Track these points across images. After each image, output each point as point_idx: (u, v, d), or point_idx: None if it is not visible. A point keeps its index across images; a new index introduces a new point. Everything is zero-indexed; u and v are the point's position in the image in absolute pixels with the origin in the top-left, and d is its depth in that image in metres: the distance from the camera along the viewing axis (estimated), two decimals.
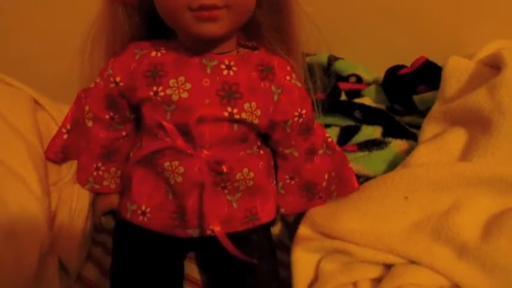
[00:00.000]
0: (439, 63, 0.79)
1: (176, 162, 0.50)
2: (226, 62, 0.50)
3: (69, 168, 0.58)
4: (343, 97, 0.78)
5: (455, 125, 0.58)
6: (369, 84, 0.85)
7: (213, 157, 0.50)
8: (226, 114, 0.49)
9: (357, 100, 0.75)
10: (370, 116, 0.70)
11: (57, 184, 0.56)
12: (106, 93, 0.53)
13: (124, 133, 0.56)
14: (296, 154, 0.55)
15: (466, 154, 0.55)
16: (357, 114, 0.70)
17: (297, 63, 0.56)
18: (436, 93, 0.71)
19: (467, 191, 0.52)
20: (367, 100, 0.77)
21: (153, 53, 0.51)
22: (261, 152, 0.55)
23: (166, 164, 0.50)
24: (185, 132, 0.49)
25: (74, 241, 0.53)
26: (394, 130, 0.68)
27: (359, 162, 0.61)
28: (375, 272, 0.51)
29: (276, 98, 0.51)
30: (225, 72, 0.50)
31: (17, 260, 0.44)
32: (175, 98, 0.49)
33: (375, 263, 0.51)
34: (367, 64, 0.87)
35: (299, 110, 0.53)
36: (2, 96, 0.57)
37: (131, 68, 0.51)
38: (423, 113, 0.75)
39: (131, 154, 0.55)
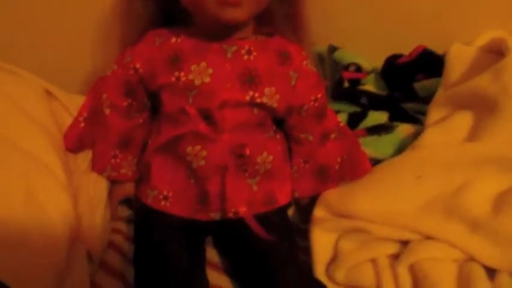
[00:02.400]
0: (437, 52, 0.81)
1: (198, 147, 0.51)
2: (246, 47, 0.51)
3: (85, 157, 0.58)
4: (346, 85, 0.80)
5: (461, 109, 0.61)
6: (368, 73, 0.87)
7: (235, 141, 0.51)
8: (247, 98, 0.50)
9: (361, 87, 0.76)
10: (376, 102, 0.71)
11: (75, 173, 0.56)
12: (125, 80, 0.53)
13: (141, 120, 0.56)
14: (310, 138, 0.57)
15: (473, 136, 0.57)
16: (363, 100, 0.72)
17: (307, 49, 0.57)
18: (436, 81, 0.73)
19: (477, 169, 0.54)
20: (369, 87, 0.79)
21: (173, 39, 0.52)
22: (277, 136, 0.56)
23: (189, 148, 0.51)
24: (207, 116, 0.50)
25: (95, 229, 0.53)
26: (399, 116, 0.70)
27: (369, 146, 0.63)
28: (392, 248, 0.53)
29: (293, 82, 0.53)
30: (245, 57, 0.51)
31: (50, 246, 0.44)
32: (197, 82, 0.49)
33: (392, 240, 0.53)
34: (365, 54, 0.88)
35: (315, 94, 0.54)
36: (15, 87, 0.57)
37: (151, 54, 0.52)
38: (424, 100, 0.77)
39: (150, 141, 0.56)
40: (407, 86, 0.79)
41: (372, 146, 0.64)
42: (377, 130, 0.66)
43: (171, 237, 0.52)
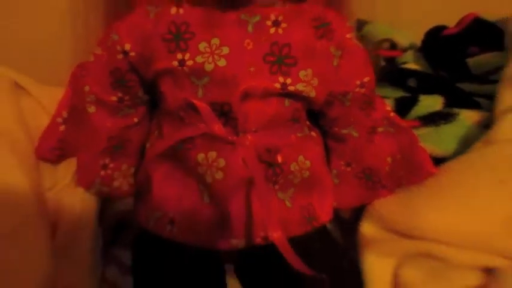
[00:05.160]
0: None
1: (213, 154, 0.39)
2: (273, 16, 0.39)
3: (67, 168, 0.45)
4: (383, 63, 0.68)
5: None
6: (405, 50, 0.75)
7: (262, 144, 0.39)
8: (278, 86, 0.38)
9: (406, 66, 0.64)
10: (426, 84, 0.59)
11: (53, 190, 0.44)
12: (112, 68, 0.41)
13: (136, 119, 0.44)
14: (355, 134, 0.46)
15: None
16: (411, 82, 0.59)
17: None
18: (494, 55, 0.61)
19: None
20: (412, 66, 0.66)
21: (173, 10, 0.39)
22: (313, 134, 0.45)
23: (201, 156, 0.39)
24: (223, 112, 0.38)
25: (82, 263, 0.41)
26: (457, 100, 0.57)
27: (426, 140, 0.50)
28: (474, 278, 0.40)
29: (336, 62, 0.41)
30: (273, 30, 0.39)
31: None
32: (209, 67, 0.37)
33: (473, 267, 0.41)
34: (400, 28, 0.77)
35: (362, 77, 0.43)
36: None
37: (145, 31, 0.39)
38: (478, 79, 0.65)
39: (148, 146, 0.44)
40: (458, 62, 0.67)
41: (429, 140, 0.51)
42: (433, 119, 0.53)
43: (180, 272, 0.41)
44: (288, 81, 0.38)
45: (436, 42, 0.71)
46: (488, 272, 0.40)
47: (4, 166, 0.37)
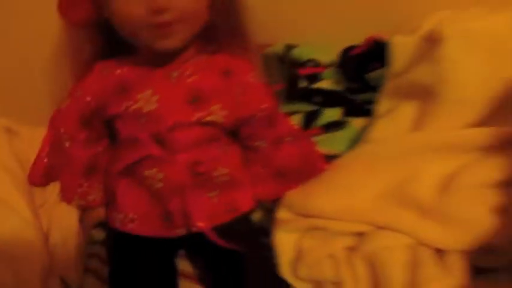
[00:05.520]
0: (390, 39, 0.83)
1: (155, 170, 0.53)
2: (190, 69, 0.53)
3: (53, 189, 0.61)
4: (303, 84, 0.82)
5: (406, 99, 0.64)
6: (326, 66, 0.88)
7: (191, 159, 0.54)
8: (195, 118, 0.53)
9: (317, 84, 0.78)
10: (330, 99, 0.74)
11: (44, 206, 0.59)
12: (79, 114, 0.55)
13: (101, 148, 0.59)
14: (264, 145, 0.60)
15: (417, 126, 0.60)
16: (317, 99, 0.75)
17: (254, 61, 0.60)
18: (386, 70, 0.76)
19: (422, 158, 0.57)
20: (326, 83, 0.80)
21: (118, 71, 0.54)
22: (232, 148, 0.59)
23: (147, 172, 0.54)
24: (159, 140, 0.53)
25: (70, 257, 0.56)
26: (354, 110, 0.73)
27: (325, 144, 0.66)
28: (349, 241, 0.56)
29: (239, 97, 0.55)
30: (190, 79, 0.53)
31: (18, 285, 0.46)
32: (145, 110, 0.52)
33: (348, 233, 0.56)
34: (324, 49, 0.90)
35: (262, 105, 0.57)
36: None
37: (100, 86, 0.54)
38: (376, 89, 0.80)
39: (111, 167, 0.58)
40: (362, 77, 0.82)
41: (328, 144, 0.66)
42: (330, 128, 0.69)
43: (142, 257, 0.56)
44: (203, 114, 0.52)
45: (346, 59, 0.86)
46: (359, 235, 0.57)
47: (7, 192, 0.53)
